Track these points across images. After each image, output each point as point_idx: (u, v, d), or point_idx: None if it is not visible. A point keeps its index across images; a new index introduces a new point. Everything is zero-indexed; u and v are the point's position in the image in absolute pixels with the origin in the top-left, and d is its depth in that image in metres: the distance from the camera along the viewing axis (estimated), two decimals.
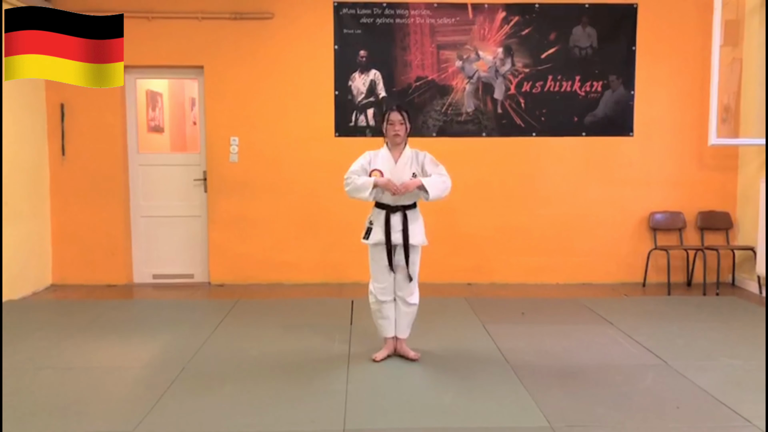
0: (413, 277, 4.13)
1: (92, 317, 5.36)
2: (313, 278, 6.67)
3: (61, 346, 4.58)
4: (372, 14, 6.52)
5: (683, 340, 4.73)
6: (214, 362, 4.25)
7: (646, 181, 6.71)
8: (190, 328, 5.00)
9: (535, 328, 5.06)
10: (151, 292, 6.51)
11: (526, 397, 3.64)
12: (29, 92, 6.20)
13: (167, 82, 7.55)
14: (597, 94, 6.65)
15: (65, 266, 6.61)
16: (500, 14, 6.56)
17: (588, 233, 6.73)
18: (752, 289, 6.44)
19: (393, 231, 4.05)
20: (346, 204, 4.70)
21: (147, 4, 6.38)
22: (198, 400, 3.61)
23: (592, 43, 6.62)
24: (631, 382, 3.89)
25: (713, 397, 3.64)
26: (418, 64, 6.58)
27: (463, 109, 6.61)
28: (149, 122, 7.13)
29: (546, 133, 6.65)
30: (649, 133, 6.68)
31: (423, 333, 4.60)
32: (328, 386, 3.80)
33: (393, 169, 4.06)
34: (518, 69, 6.60)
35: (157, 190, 6.76)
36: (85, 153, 6.54)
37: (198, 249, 6.80)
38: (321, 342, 4.65)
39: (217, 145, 6.59)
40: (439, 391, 3.76)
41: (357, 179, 4.02)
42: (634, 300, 6.11)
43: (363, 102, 6.57)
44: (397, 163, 4.08)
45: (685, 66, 6.64)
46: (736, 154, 6.72)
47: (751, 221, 6.44)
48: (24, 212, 6.09)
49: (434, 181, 4.02)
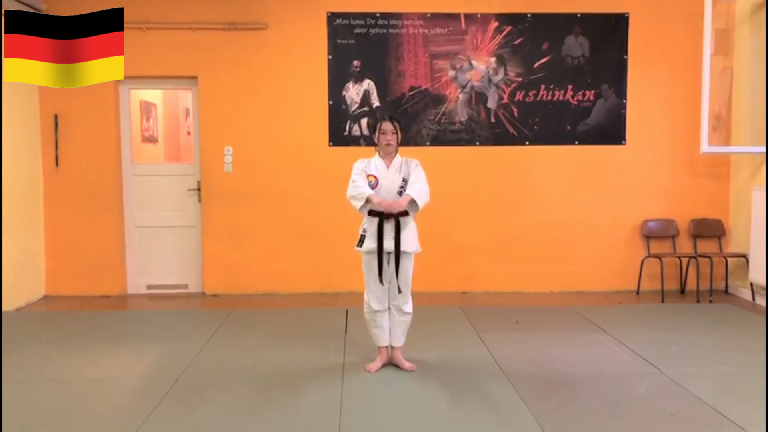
0: (402, 289, 4.14)
1: (86, 328, 5.35)
2: (308, 288, 6.66)
3: (54, 357, 4.56)
4: (365, 24, 6.55)
5: (677, 347, 4.75)
6: (208, 373, 4.23)
7: (639, 189, 6.74)
8: (184, 339, 4.99)
9: (529, 336, 5.07)
10: (146, 302, 6.49)
11: (520, 405, 3.65)
12: (23, 103, 6.20)
13: (161, 92, 7.56)
14: (589, 102, 6.69)
15: (59, 277, 6.58)
16: (493, 24, 6.60)
17: (581, 241, 6.75)
18: (745, 296, 6.47)
19: (386, 238, 4.07)
20: (341, 213, 4.72)
21: (141, 14, 6.40)
22: (192, 411, 3.60)
23: (584, 53, 6.66)
24: (626, 390, 3.90)
25: (707, 404, 3.65)
26: (411, 74, 6.61)
27: (456, 119, 6.64)
28: (143, 132, 7.13)
29: (539, 141, 6.68)
30: (641, 141, 6.72)
31: (417, 342, 4.60)
32: (322, 397, 3.79)
33: (385, 176, 4.14)
34: (511, 78, 6.64)
35: (151, 200, 6.75)
36: (79, 163, 6.53)
37: (192, 259, 6.79)
38: (315, 352, 4.65)
39: (211, 155, 6.60)
40: (434, 400, 3.76)
41: (360, 184, 4.08)
42: (627, 308, 6.12)
43: (357, 112, 6.59)
44: (388, 170, 4.16)
45: (677, 74, 6.69)
46: (728, 162, 6.76)
47: (743, 229, 6.47)
48: (18, 223, 6.07)
49: (418, 189, 4.07)
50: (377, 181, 4.11)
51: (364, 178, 4.12)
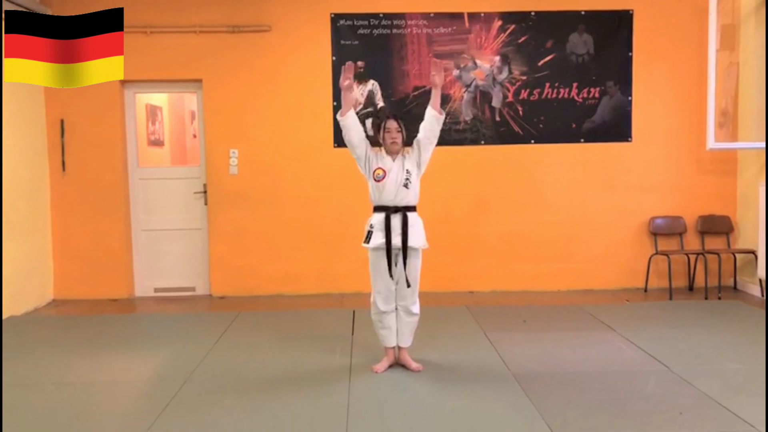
0: (411, 284, 4.11)
1: (94, 332, 5.36)
2: (314, 289, 6.67)
3: (63, 361, 4.58)
4: (369, 25, 6.55)
5: (686, 345, 4.72)
6: (216, 375, 4.24)
7: (646, 186, 6.72)
8: (191, 342, 4.99)
9: (536, 335, 5.05)
10: (153, 305, 6.50)
11: (528, 404, 3.63)
12: (29, 108, 6.23)
13: (167, 95, 7.59)
14: (595, 100, 6.66)
15: (67, 281, 6.61)
16: (496, 23, 6.59)
17: (588, 239, 6.73)
18: (754, 292, 6.43)
19: (393, 234, 4.05)
20: (347, 214, 4.72)
21: (145, 18, 6.42)
22: (200, 414, 3.60)
23: (588, 50, 6.64)
24: (634, 388, 3.88)
25: (716, 401, 3.63)
26: (415, 74, 6.60)
27: (461, 118, 6.63)
28: (149, 136, 7.15)
29: (544, 140, 6.66)
30: (647, 138, 6.69)
31: (425, 342, 4.59)
32: (329, 398, 3.79)
33: (390, 168, 4.10)
34: (515, 77, 6.62)
35: (157, 203, 6.77)
36: (85, 168, 6.56)
37: (199, 261, 6.80)
38: (322, 353, 4.64)
39: (216, 157, 6.61)
40: (441, 400, 3.75)
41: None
42: (635, 306, 6.10)
43: (361, 112, 6.59)
44: (394, 162, 4.12)
45: (682, 71, 6.66)
46: (735, 158, 6.73)
47: (751, 224, 6.44)
48: (25, 227, 6.10)
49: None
50: (385, 174, 4.08)
51: (362, 137, 4.14)
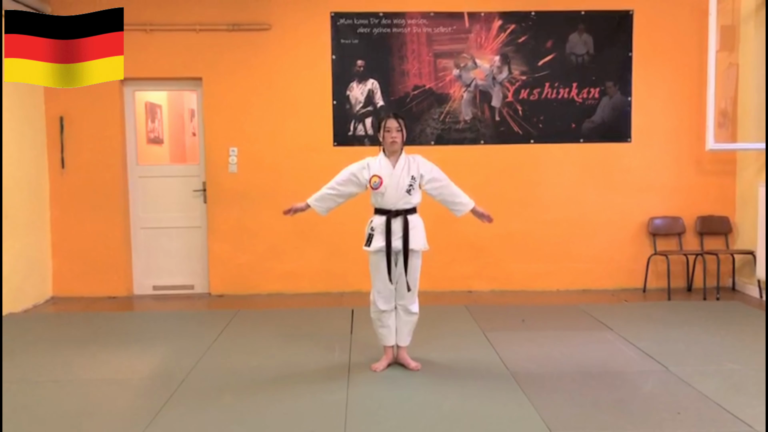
0: (411, 288, 4.12)
1: (93, 329, 5.36)
2: (313, 288, 6.67)
3: (61, 358, 4.57)
4: (369, 24, 6.55)
5: (684, 345, 4.72)
6: (214, 373, 4.24)
7: (645, 187, 6.72)
8: (190, 340, 4.99)
9: (535, 334, 5.05)
10: (152, 303, 6.50)
11: (526, 404, 3.63)
12: (28, 105, 6.23)
13: (166, 93, 7.58)
14: (594, 100, 6.67)
15: (65, 279, 6.60)
16: (497, 22, 6.59)
17: (587, 239, 6.73)
18: (753, 293, 6.44)
19: (393, 237, 4.05)
20: (346, 213, 4.71)
21: (145, 16, 6.41)
22: (198, 412, 3.60)
23: (588, 50, 6.64)
24: (632, 388, 3.89)
25: (714, 402, 3.63)
26: (415, 73, 6.60)
27: (460, 117, 6.63)
28: (148, 134, 7.15)
29: (544, 140, 6.66)
30: (646, 138, 6.69)
31: (423, 341, 4.59)
32: (328, 396, 3.79)
33: (391, 174, 4.08)
34: (515, 77, 6.62)
35: (156, 201, 6.77)
36: (84, 165, 6.55)
37: (198, 260, 6.80)
38: (321, 352, 4.65)
39: (216, 155, 6.61)
40: (439, 399, 3.75)
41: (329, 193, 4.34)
42: (634, 306, 6.10)
43: (361, 111, 6.59)
44: (395, 169, 4.10)
45: (682, 71, 6.66)
46: (734, 159, 6.73)
47: (750, 225, 6.44)
48: (24, 225, 6.10)
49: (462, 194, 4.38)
50: (381, 181, 4.06)
51: (348, 185, 4.17)
